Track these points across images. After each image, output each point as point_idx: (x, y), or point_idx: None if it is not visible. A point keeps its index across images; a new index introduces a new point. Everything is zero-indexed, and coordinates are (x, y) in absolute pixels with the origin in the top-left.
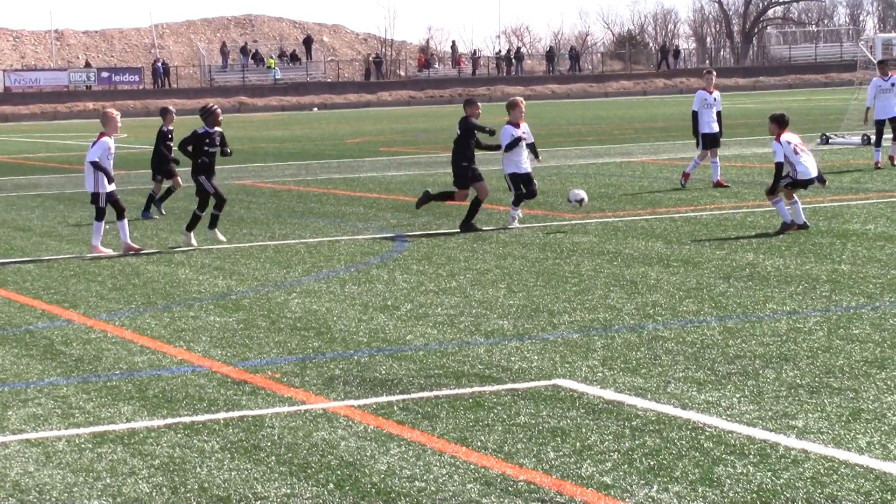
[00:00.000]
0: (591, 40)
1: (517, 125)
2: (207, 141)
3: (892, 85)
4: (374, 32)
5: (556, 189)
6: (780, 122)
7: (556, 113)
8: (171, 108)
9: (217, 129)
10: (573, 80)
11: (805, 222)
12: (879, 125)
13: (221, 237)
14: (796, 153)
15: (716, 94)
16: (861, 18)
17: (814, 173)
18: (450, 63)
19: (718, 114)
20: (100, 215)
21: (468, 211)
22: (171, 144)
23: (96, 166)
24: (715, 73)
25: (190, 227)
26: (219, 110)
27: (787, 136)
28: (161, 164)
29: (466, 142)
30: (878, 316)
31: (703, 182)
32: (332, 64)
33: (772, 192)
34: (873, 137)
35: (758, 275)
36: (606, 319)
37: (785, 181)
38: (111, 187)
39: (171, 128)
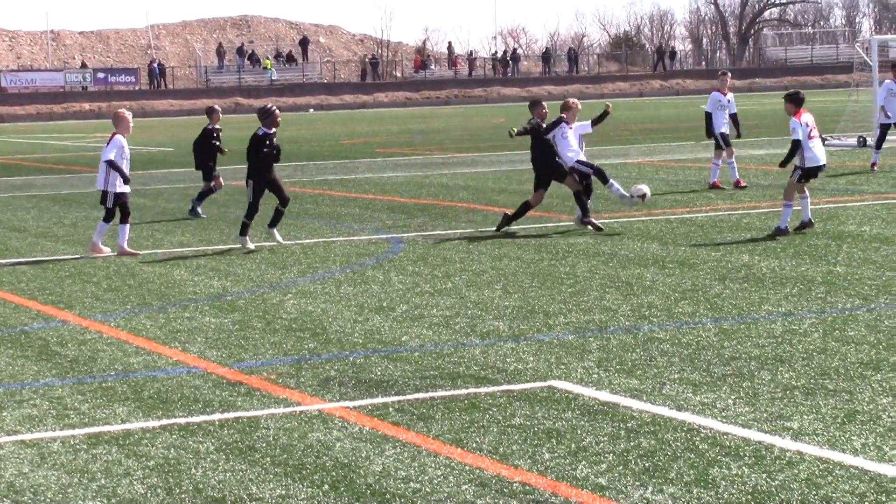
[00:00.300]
0: (587, 41)
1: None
2: (268, 143)
3: None
4: (370, 33)
5: (553, 191)
6: (795, 101)
7: (553, 114)
8: (217, 107)
9: (274, 129)
10: (569, 82)
11: (810, 219)
12: (884, 128)
13: (251, 245)
14: (809, 137)
15: (730, 95)
16: (857, 20)
17: (822, 161)
18: (446, 64)
19: (733, 115)
20: (108, 216)
21: (517, 210)
22: (218, 143)
23: (112, 165)
24: (730, 74)
25: (272, 224)
26: (277, 111)
27: (805, 116)
28: (206, 162)
29: (536, 143)
30: (873, 318)
31: (700, 184)
32: (328, 65)
33: (783, 165)
34: (870, 140)
35: (753, 276)
36: (602, 321)
37: (795, 175)
38: (124, 188)
39: (217, 126)
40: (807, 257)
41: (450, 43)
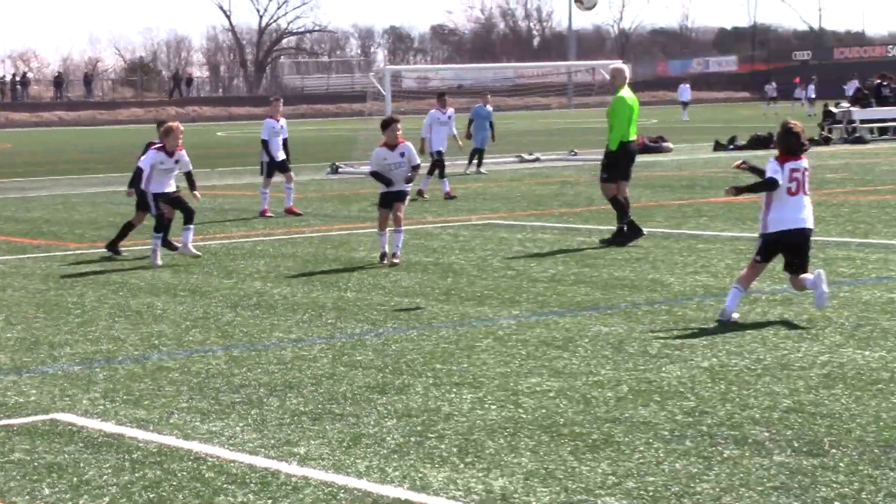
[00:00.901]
0: (101, 66)
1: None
2: None
3: (449, 118)
4: None
5: (61, 218)
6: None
7: (65, 140)
8: None
9: None
10: (83, 107)
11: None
12: (440, 156)
13: None
14: None
15: (282, 121)
16: (372, 50)
17: None
18: None
19: (285, 140)
20: None
21: (119, 233)
22: None
23: None
24: (282, 100)
25: None
26: None
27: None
28: None
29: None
30: (381, 342)
31: (214, 211)
32: None
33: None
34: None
35: (265, 303)
36: (110, 350)
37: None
38: None
39: None
40: (318, 283)
41: None
